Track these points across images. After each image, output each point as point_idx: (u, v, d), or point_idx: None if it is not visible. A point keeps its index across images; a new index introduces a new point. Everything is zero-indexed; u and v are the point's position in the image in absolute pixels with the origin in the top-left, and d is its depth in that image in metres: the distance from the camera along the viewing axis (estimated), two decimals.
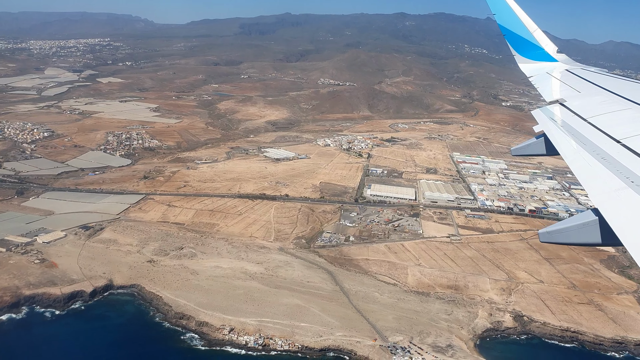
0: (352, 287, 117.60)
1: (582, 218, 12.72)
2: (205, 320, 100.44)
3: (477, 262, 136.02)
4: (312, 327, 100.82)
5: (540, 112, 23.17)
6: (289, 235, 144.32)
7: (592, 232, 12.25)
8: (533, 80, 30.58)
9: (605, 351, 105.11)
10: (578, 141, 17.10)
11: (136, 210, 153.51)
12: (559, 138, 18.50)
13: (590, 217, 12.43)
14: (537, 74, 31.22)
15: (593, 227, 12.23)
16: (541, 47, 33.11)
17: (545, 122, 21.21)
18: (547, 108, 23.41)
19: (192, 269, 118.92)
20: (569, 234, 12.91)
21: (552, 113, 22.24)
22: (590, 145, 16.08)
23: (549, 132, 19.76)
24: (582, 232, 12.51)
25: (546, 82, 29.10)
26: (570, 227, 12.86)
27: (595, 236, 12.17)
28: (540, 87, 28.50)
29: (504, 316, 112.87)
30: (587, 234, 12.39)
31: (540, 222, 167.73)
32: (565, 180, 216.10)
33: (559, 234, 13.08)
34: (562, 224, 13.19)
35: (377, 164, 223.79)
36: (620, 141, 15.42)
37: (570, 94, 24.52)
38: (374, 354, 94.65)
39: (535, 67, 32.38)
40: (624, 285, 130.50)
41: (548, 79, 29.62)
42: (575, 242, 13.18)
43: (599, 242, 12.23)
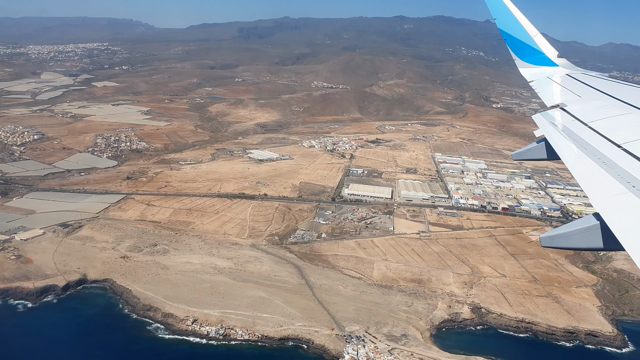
0: (318, 281, 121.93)
1: (584, 223, 12.77)
2: (171, 312, 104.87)
3: (443, 257, 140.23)
4: (274, 317, 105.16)
5: (541, 117, 23.33)
6: (263, 232, 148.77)
7: (594, 237, 12.27)
8: (534, 84, 30.93)
9: (557, 340, 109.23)
10: (579, 146, 17.20)
11: (116, 210, 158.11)
12: (560, 142, 18.64)
13: (592, 221, 12.43)
14: (538, 78, 31.57)
15: (594, 231, 12.26)
16: (542, 51, 33.24)
17: (546, 127, 21.33)
18: (547, 113, 23.55)
19: (163, 264, 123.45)
20: (570, 238, 12.96)
21: (553, 117, 22.34)
22: (591, 149, 16.16)
23: (550, 136, 19.88)
24: (584, 237, 12.55)
25: (547, 87, 29.32)
26: (572, 232, 12.92)
27: (597, 241, 12.19)
28: (540, 92, 28.74)
29: (462, 308, 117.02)
30: (588, 238, 12.43)
31: (512, 220, 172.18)
32: (543, 179, 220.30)
33: (560, 239, 13.18)
34: (563, 228, 13.32)
35: (358, 165, 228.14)
36: (621, 146, 15.48)
37: (571, 99, 24.70)
38: (330, 342, 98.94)
39: (536, 72, 32.65)
40: (585, 279, 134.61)
41: (549, 84, 29.82)
42: (576, 247, 13.34)
43: (601, 247, 12.24)
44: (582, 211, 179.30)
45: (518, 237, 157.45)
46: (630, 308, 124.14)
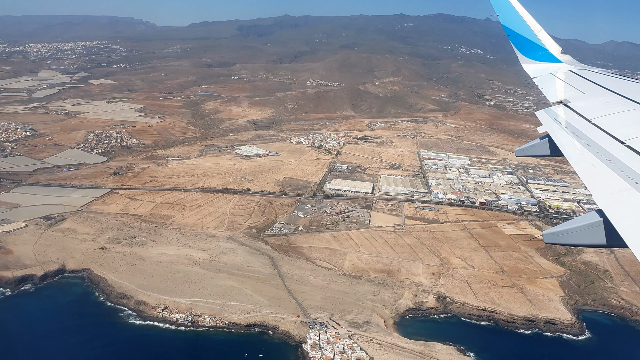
0: (289, 271, 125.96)
1: (587, 219, 12.72)
2: (143, 300, 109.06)
3: (415, 249, 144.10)
4: (242, 305, 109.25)
5: (544, 113, 23.26)
6: (242, 225, 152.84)
7: (597, 234, 12.24)
8: (537, 81, 30.79)
9: (517, 328, 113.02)
10: (582, 142, 17.15)
11: (99, 203, 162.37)
12: (563, 139, 18.63)
13: (595, 218, 12.42)
14: (541, 74, 31.45)
15: (597, 228, 12.24)
16: (545, 47, 33.10)
17: (549, 123, 21.30)
18: (551, 109, 23.57)
19: (140, 255, 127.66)
20: (573, 235, 12.93)
21: (556, 114, 22.31)
22: (595, 146, 16.13)
23: (553, 133, 19.90)
24: (587, 234, 12.52)
25: (550, 83, 29.24)
26: (575, 229, 12.91)
27: (600, 237, 12.16)
28: (544, 88, 28.66)
29: (427, 297, 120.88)
30: (591, 235, 12.40)
31: (488, 214, 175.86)
32: (525, 175, 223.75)
33: (563, 235, 13.15)
34: (566, 225, 13.27)
35: (344, 161, 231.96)
36: (625, 142, 15.50)
37: (574, 95, 24.75)
38: (295, 328, 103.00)
39: (539, 68, 32.55)
40: (552, 270, 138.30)
41: (552, 80, 29.72)
42: (579, 244, 13.22)
43: (604, 244, 12.21)
44: (559, 206, 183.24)
45: (492, 231, 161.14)
46: (593, 298, 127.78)
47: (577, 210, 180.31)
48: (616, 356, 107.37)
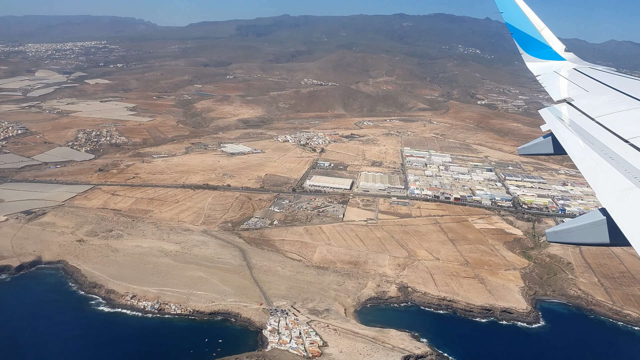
0: (258, 263, 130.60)
1: (590, 218, 12.65)
2: (113, 289, 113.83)
3: (384, 242, 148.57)
4: (207, 294, 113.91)
5: (547, 112, 23.15)
6: (217, 219, 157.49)
7: (600, 232, 12.17)
8: (540, 79, 30.73)
9: (474, 317, 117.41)
10: (586, 141, 17.05)
11: (81, 199, 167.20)
12: (567, 137, 18.52)
13: (598, 217, 12.34)
14: (545, 72, 31.37)
15: (601, 227, 12.16)
16: (549, 45, 33.01)
17: (553, 122, 21.23)
18: (554, 107, 23.48)
19: (115, 247, 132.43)
20: (576, 233, 12.86)
21: (560, 112, 22.21)
22: (598, 144, 16.06)
23: (557, 131, 19.79)
24: (590, 232, 12.46)
25: (554, 81, 29.23)
26: (578, 227, 12.83)
27: (603, 236, 12.10)
28: (547, 86, 28.61)
29: (390, 287, 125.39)
30: (594, 234, 12.34)
31: (461, 209, 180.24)
32: (504, 172, 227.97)
33: (566, 234, 13.09)
34: (569, 223, 13.28)
35: (327, 158, 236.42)
36: (629, 141, 15.39)
37: (578, 93, 24.65)
38: (256, 315, 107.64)
39: (543, 66, 32.46)
40: (516, 263, 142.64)
41: (556, 78, 29.69)
42: (582, 242, 13.18)
43: (607, 242, 12.12)
44: (532, 202, 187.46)
45: (462, 225, 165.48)
46: (553, 289, 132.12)
47: (550, 206, 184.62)
48: (565, 342, 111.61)
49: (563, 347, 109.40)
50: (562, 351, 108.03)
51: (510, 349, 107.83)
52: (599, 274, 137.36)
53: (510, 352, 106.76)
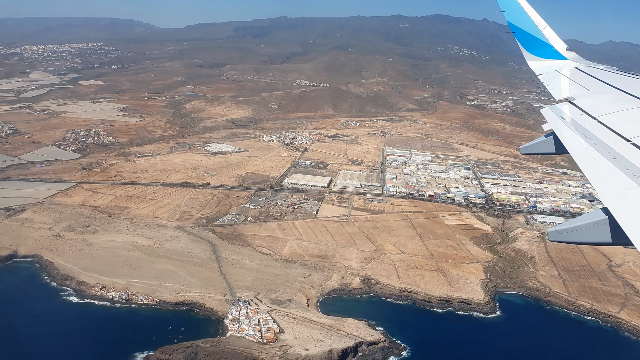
0: (228, 256, 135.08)
1: (592, 217, 12.64)
2: (84, 280, 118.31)
3: (354, 236, 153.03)
4: (174, 286, 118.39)
5: (549, 111, 23.12)
6: (193, 216, 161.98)
7: (602, 232, 12.16)
8: (542, 78, 30.59)
9: (432, 307, 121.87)
10: (587, 140, 17.07)
11: (62, 196, 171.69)
12: (568, 136, 18.57)
13: (600, 216, 12.33)
14: (547, 71, 31.31)
15: (603, 226, 12.16)
16: (551, 44, 32.98)
17: (555, 121, 21.24)
18: (556, 106, 23.42)
19: (90, 242, 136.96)
20: (578, 233, 12.83)
21: (562, 111, 22.21)
22: (600, 144, 16.08)
23: (558, 130, 19.84)
24: (592, 232, 12.47)
25: (555, 80, 29.13)
26: (580, 227, 12.81)
27: (605, 235, 12.09)
28: (549, 85, 28.43)
29: (354, 279, 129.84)
30: (596, 233, 12.34)
31: (434, 206, 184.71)
32: (481, 170, 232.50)
33: (568, 233, 13.06)
34: (571, 223, 13.21)
35: (309, 157, 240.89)
36: (631, 140, 15.41)
37: (579, 92, 24.67)
38: (219, 306, 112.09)
39: (545, 65, 32.45)
40: (481, 257, 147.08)
41: (557, 77, 29.65)
42: (584, 242, 13.13)
43: (609, 242, 12.08)
44: (505, 199, 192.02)
45: (432, 221, 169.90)
46: (514, 282, 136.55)
47: (522, 203, 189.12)
48: (517, 331, 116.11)
49: (514, 336, 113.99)
50: (513, 339, 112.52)
51: (463, 337, 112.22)
52: (559, 268, 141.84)
53: (461, 340, 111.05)
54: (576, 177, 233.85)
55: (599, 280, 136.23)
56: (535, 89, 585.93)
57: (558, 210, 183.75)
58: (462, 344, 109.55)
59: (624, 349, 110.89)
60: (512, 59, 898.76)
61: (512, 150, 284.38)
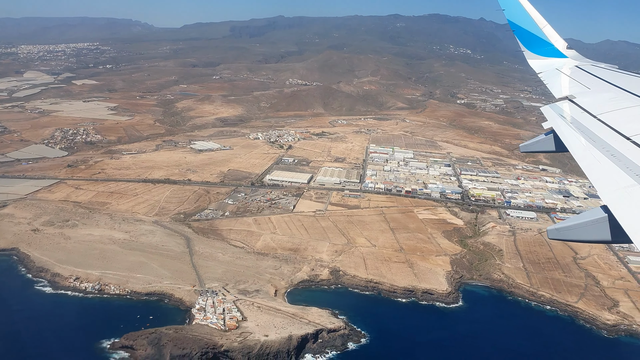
0: (201, 249, 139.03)
1: (591, 215, 12.65)
2: (58, 272, 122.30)
3: (327, 230, 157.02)
4: (146, 277, 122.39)
5: (549, 109, 23.16)
6: (171, 211, 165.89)
7: (602, 230, 12.22)
8: (542, 76, 30.64)
9: (397, 297, 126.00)
10: (587, 138, 17.09)
11: (45, 192, 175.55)
12: (568, 135, 18.59)
13: (600, 214, 12.37)
14: (547, 70, 31.38)
15: (602, 224, 12.21)
16: (551, 43, 33.02)
17: (555, 119, 21.31)
18: (556, 105, 23.45)
19: (67, 235, 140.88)
20: (577, 231, 12.84)
21: (561, 110, 22.30)
22: (600, 142, 16.10)
23: (558, 128, 19.89)
24: (591, 230, 12.51)
25: (555, 78, 29.23)
26: (579, 225, 12.82)
27: (605, 233, 12.14)
28: (549, 83, 28.47)
29: (323, 271, 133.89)
30: (596, 231, 12.39)
31: (410, 201, 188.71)
32: (461, 167, 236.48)
33: (568, 231, 13.05)
34: (570, 221, 13.17)
35: (292, 154, 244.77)
36: (630, 138, 15.46)
37: (579, 91, 24.71)
38: (188, 296, 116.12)
39: (545, 63, 32.47)
40: (449, 250, 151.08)
41: (557, 75, 29.75)
42: (584, 240, 13.13)
43: (609, 240, 12.16)
44: (481, 194, 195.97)
45: (406, 215, 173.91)
46: (480, 274, 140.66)
47: (497, 198, 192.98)
48: (476, 320, 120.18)
49: (472, 324, 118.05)
50: (471, 327, 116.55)
51: (422, 325, 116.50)
52: (525, 260, 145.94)
53: (420, 328, 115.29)
54: (555, 173, 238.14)
55: (562, 272, 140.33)
56: (526, 88, 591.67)
57: (532, 206, 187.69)
58: (421, 331, 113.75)
59: (579, 337, 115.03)
60: (507, 58, 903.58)
61: (495, 148, 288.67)
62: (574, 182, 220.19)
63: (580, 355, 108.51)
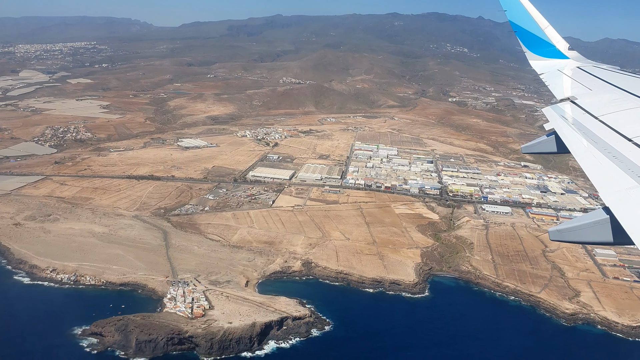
0: (177, 242, 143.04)
1: (593, 217, 12.70)
2: (36, 264, 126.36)
3: (304, 225, 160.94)
4: (121, 268, 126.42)
5: (551, 110, 23.13)
6: (152, 206, 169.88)
7: (603, 231, 12.24)
8: (544, 77, 30.63)
9: (365, 288, 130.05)
10: (589, 139, 17.07)
11: (30, 188, 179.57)
12: (570, 136, 18.57)
13: (602, 215, 12.38)
14: (548, 71, 31.34)
15: (604, 225, 12.23)
16: (552, 44, 32.98)
17: (556, 120, 21.30)
18: (558, 106, 23.44)
19: (48, 229, 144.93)
20: (579, 232, 12.91)
21: (563, 111, 22.27)
22: (602, 143, 16.06)
23: (560, 129, 19.86)
24: (593, 231, 12.54)
25: (557, 80, 29.18)
26: (581, 226, 12.88)
27: (607, 235, 12.17)
28: (551, 85, 28.41)
29: (295, 263, 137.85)
30: (598, 232, 12.41)
31: (388, 196, 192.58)
32: (444, 164, 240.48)
33: (570, 233, 13.14)
34: (572, 222, 13.24)
35: (278, 152, 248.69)
36: (632, 139, 15.45)
37: (581, 92, 24.71)
38: (160, 286, 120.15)
39: (546, 64, 32.46)
40: (421, 243, 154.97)
41: (559, 76, 29.69)
42: (586, 241, 13.39)
43: (611, 241, 12.21)
44: (459, 190, 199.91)
45: (383, 210, 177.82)
46: (449, 266, 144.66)
47: (475, 194, 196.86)
48: (439, 309, 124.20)
49: (435, 312, 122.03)
50: (433, 315, 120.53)
51: (385, 314, 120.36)
52: (495, 253, 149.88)
53: (384, 316, 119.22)
54: (536, 170, 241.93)
55: (530, 264, 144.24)
56: (519, 86, 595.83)
57: (508, 201, 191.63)
58: (384, 319, 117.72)
59: (537, 325, 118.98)
60: (503, 57, 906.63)
61: (480, 145, 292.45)
62: (553, 178, 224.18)
63: (535, 341, 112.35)
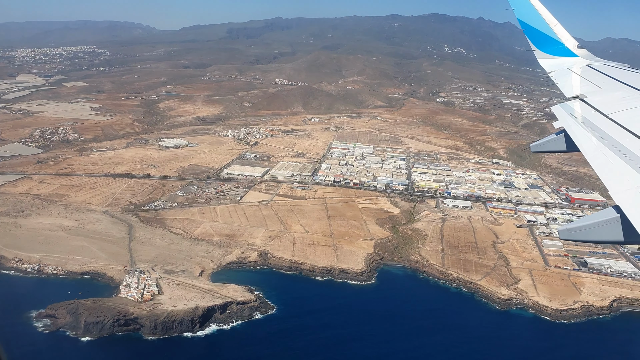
0: (141, 236, 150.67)
1: (603, 215, 12.61)
2: (4, 255, 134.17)
3: (267, 219, 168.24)
4: (84, 259, 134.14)
5: (560, 108, 23.07)
6: (123, 202, 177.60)
7: (614, 230, 12.14)
8: (553, 75, 30.55)
9: (315, 276, 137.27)
10: (599, 137, 17.16)
11: (9, 186, 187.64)
12: (579, 134, 18.64)
13: (612, 214, 12.28)
14: (557, 69, 31.29)
15: (614, 224, 12.13)
16: (561, 42, 32.97)
17: (565, 118, 21.28)
18: (567, 104, 23.35)
19: (19, 224, 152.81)
20: (589, 231, 12.78)
21: (572, 109, 22.20)
22: (612, 141, 16.16)
23: (569, 128, 19.89)
24: (603, 230, 12.42)
25: (566, 78, 29.15)
26: (591, 225, 12.75)
27: (617, 234, 12.08)
28: (560, 83, 28.39)
29: (252, 254, 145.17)
30: (608, 231, 12.30)
31: (355, 192, 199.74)
32: (415, 161, 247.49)
33: (579, 232, 13.01)
34: (582, 221, 13.16)
35: (256, 150, 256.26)
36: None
37: (590, 90, 24.67)
38: (118, 275, 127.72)
39: (555, 63, 32.38)
40: (377, 235, 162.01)
41: (568, 75, 29.67)
42: (596, 240, 13.15)
43: (621, 240, 12.19)
44: (424, 185, 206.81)
45: (347, 205, 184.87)
46: (400, 256, 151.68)
47: (439, 189, 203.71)
48: (381, 294, 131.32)
49: (376, 297, 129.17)
50: (372, 298, 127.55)
51: (329, 299, 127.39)
52: (445, 244, 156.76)
53: (326, 301, 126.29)
54: (506, 166, 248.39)
55: (477, 255, 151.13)
56: (511, 86, 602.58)
57: (470, 196, 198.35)
58: (325, 303, 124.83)
59: (473, 309, 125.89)
60: (499, 57, 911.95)
61: (457, 143, 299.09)
62: (520, 175, 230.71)
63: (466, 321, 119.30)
